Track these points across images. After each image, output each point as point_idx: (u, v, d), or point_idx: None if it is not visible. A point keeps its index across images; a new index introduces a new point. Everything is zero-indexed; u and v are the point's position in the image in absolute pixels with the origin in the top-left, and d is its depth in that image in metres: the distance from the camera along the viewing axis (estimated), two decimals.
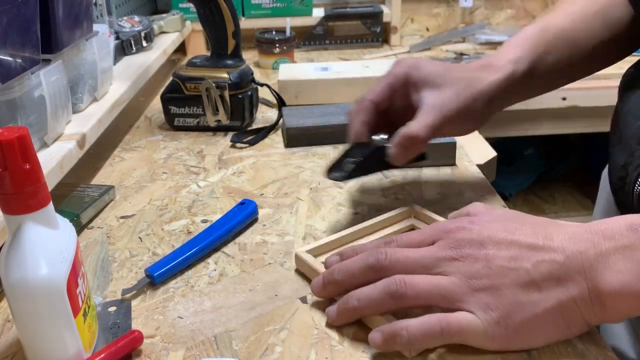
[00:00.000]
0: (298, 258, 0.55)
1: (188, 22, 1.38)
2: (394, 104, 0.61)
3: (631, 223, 0.41)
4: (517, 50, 0.60)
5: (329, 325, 0.48)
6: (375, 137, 0.60)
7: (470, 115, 0.59)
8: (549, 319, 0.42)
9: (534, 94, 0.65)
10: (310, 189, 0.72)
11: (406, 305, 0.44)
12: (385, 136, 0.59)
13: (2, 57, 0.56)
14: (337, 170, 0.60)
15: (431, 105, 0.57)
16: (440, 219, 0.58)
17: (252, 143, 0.85)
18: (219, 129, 0.89)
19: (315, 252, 0.55)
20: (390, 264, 0.45)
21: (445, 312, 0.43)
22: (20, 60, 0.59)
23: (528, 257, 0.42)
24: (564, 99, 1.32)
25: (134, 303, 0.52)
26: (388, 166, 0.59)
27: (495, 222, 0.46)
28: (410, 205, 0.61)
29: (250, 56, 1.33)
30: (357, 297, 0.45)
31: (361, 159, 0.59)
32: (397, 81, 0.60)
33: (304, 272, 0.55)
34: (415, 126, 0.56)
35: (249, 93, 0.90)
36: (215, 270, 0.56)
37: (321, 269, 0.51)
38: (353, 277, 0.47)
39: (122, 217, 0.67)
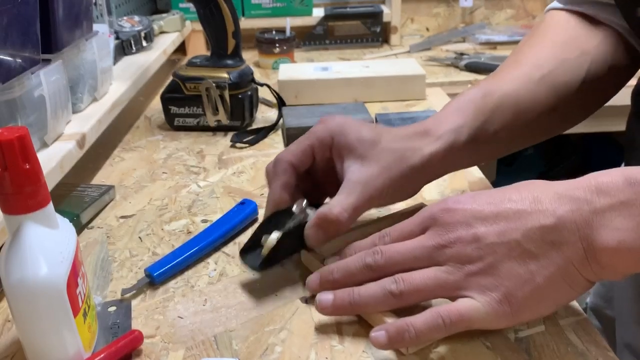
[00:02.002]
0: (304, 254, 0.55)
1: (188, 22, 1.38)
2: (317, 166, 0.56)
3: (628, 177, 0.40)
4: (458, 118, 0.54)
5: (328, 321, 0.48)
6: (295, 206, 0.53)
7: (401, 189, 0.54)
8: (551, 286, 0.41)
9: (479, 160, 0.60)
10: None
11: (408, 302, 0.44)
12: (304, 202, 0.53)
13: (2, 57, 0.56)
14: (253, 253, 0.52)
15: (354, 183, 0.51)
16: None
17: (252, 143, 0.85)
18: (219, 129, 0.89)
19: (338, 250, 0.55)
20: (385, 262, 0.45)
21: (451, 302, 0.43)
22: (20, 60, 0.59)
23: (517, 227, 0.41)
24: None
25: (134, 303, 0.52)
26: (305, 246, 0.53)
27: (479, 195, 0.45)
28: (415, 204, 0.61)
29: (250, 56, 1.33)
30: (359, 292, 0.45)
31: (275, 244, 0.51)
32: (319, 144, 0.54)
33: (309, 267, 0.55)
34: (337, 208, 0.50)
35: (249, 93, 0.90)
36: (215, 270, 0.56)
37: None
38: (352, 276, 0.47)
39: (122, 217, 0.67)
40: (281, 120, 0.90)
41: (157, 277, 0.54)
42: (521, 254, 0.41)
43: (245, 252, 0.53)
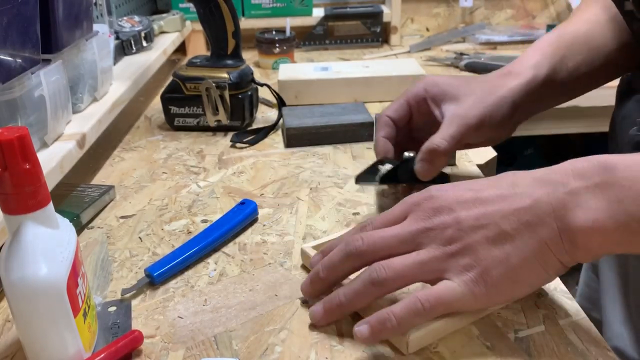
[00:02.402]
0: (304, 253, 0.55)
1: (188, 22, 1.38)
2: (417, 123, 0.63)
3: (604, 161, 0.41)
4: (536, 56, 0.61)
5: (325, 325, 0.48)
6: (405, 154, 0.61)
7: (495, 122, 0.59)
8: (525, 267, 0.42)
9: (561, 100, 0.65)
10: (310, 189, 0.72)
11: (392, 289, 0.44)
12: (413, 153, 0.61)
13: (2, 57, 0.56)
14: (369, 176, 0.61)
15: (452, 116, 0.58)
16: None
17: (252, 143, 0.86)
18: (219, 129, 0.89)
19: (321, 248, 0.56)
20: (368, 248, 0.45)
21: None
22: (20, 60, 0.59)
23: (495, 211, 0.43)
24: None
25: (134, 303, 0.52)
26: (417, 180, 0.60)
27: (460, 183, 0.47)
28: None
29: (250, 56, 1.33)
30: (343, 292, 0.46)
31: (392, 167, 0.61)
32: (415, 98, 0.61)
33: (309, 267, 0.55)
34: (437, 139, 0.57)
35: (249, 93, 0.90)
36: (215, 270, 0.56)
37: None
38: (336, 270, 0.47)
39: (122, 217, 0.67)
40: (281, 120, 0.90)
41: (157, 277, 0.54)
42: (498, 235, 0.42)
43: (359, 179, 0.62)
